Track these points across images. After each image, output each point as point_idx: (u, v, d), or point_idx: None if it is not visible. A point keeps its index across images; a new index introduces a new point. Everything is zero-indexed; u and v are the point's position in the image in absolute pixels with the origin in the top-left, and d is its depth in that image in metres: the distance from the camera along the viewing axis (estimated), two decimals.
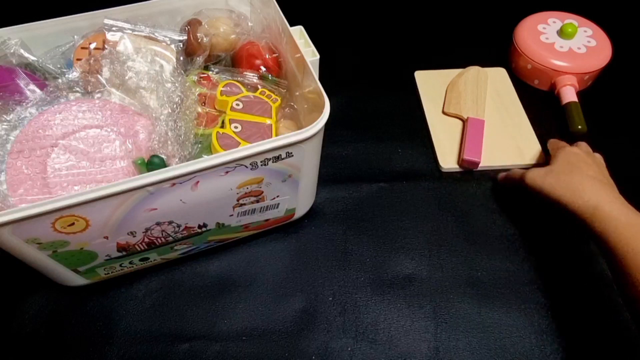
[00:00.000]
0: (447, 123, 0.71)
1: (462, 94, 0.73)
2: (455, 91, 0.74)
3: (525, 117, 0.72)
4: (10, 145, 0.44)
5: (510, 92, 0.76)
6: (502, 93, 0.76)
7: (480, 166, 0.66)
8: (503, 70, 0.79)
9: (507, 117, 0.72)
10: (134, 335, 0.52)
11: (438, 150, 0.68)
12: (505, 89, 0.76)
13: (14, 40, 0.52)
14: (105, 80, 0.49)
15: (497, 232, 0.60)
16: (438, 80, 0.77)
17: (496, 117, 0.72)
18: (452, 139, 0.69)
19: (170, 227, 0.48)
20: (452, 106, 0.72)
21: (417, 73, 0.78)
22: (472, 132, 0.68)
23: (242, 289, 0.55)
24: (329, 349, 0.51)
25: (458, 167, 0.66)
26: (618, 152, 0.68)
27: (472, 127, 0.68)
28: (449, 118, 0.72)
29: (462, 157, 0.65)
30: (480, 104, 0.72)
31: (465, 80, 0.75)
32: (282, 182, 0.50)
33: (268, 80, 0.55)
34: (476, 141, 0.66)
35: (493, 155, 0.67)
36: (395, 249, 0.59)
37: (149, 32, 0.54)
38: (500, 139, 0.69)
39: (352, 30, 0.85)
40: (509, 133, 0.70)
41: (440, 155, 0.67)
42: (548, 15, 0.79)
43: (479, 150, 0.66)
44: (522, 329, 0.52)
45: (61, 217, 0.40)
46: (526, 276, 0.56)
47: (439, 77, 0.77)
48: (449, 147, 0.68)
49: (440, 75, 0.77)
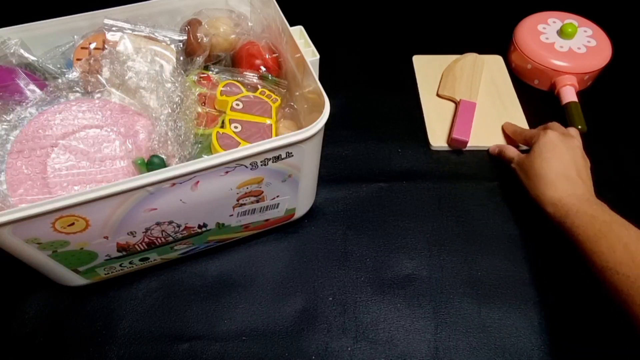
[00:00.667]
0: (440, 105, 0.74)
1: (457, 79, 0.75)
2: (451, 75, 0.76)
3: (517, 104, 0.74)
4: (10, 145, 0.44)
5: (505, 80, 0.78)
6: (498, 80, 0.78)
7: (469, 146, 0.68)
8: (500, 58, 0.81)
9: (500, 103, 0.74)
10: (133, 335, 0.52)
11: (429, 129, 0.70)
12: (501, 76, 0.78)
13: (14, 40, 0.52)
14: (105, 80, 0.49)
15: (497, 232, 0.60)
16: (435, 64, 0.79)
17: (489, 102, 0.74)
18: (443, 120, 0.72)
19: (170, 227, 0.48)
20: (447, 89, 0.74)
21: (415, 57, 0.81)
22: (463, 113, 0.70)
23: (242, 289, 0.55)
24: (329, 349, 0.51)
25: (447, 146, 0.69)
26: (618, 152, 0.68)
27: (463, 108, 0.71)
28: (442, 100, 0.74)
29: (451, 136, 0.67)
30: (474, 89, 0.74)
31: (462, 65, 0.77)
32: (282, 182, 0.50)
33: (268, 80, 0.55)
34: (466, 122, 0.69)
35: (482, 137, 0.69)
36: (395, 249, 0.59)
37: (149, 32, 0.54)
38: (490, 122, 0.72)
39: (352, 30, 0.85)
40: (500, 117, 0.72)
41: (430, 134, 0.70)
42: (548, 15, 0.79)
43: (468, 130, 0.68)
44: (522, 329, 0.52)
45: (61, 217, 0.40)
46: (526, 276, 0.56)
47: (437, 62, 0.80)
48: (439, 127, 0.71)
49: (437, 60, 0.80)
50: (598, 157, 0.67)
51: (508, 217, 0.62)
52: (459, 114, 0.70)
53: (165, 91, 0.49)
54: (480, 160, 0.68)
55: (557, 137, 0.59)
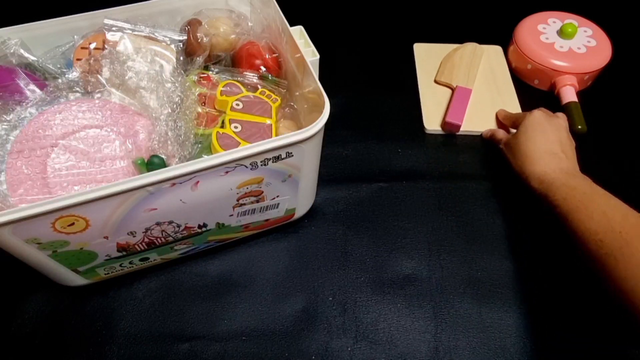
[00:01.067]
0: (437, 91, 0.76)
1: (455, 66, 0.77)
2: (450, 63, 0.78)
3: (513, 92, 0.76)
4: (10, 145, 0.44)
5: (503, 69, 0.79)
6: (496, 69, 0.79)
7: (462, 130, 0.70)
8: (499, 48, 0.82)
9: (496, 91, 0.76)
10: (134, 335, 0.52)
11: (424, 114, 0.72)
12: (499, 65, 0.80)
13: (14, 40, 0.52)
14: (105, 80, 0.49)
15: (497, 232, 0.60)
16: (436, 52, 0.81)
17: (485, 90, 0.76)
18: (439, 105, 0.74)
19: (170, 227, 0.48)
20: (444, 75, 0.76)
21: (415, 45, 0.82)
22: (458, 99, 0.72)
23: (242, 289, 0.55)
24: (329, 349, 0.51)
25: (441, 129, 0.71)
26: (618, 152, 0.68)
27: (458, 94, 0.73)
28: (439, 87, 0.76)
29: (444, 120, 0.69)
30: (472, 76, 0.76)
31: (461, 54, 0.79)
32: (282, 182, 0.50)
33: (268, 80, 0.55)
34: (460, 107, 0.71)
35: (475, 122, 0.71)
36: (395, 249, 0.59)
37: (149, 32, 0.54)
38: (485, 108, 0.73)
39: (352, 30, 0.85)
40: (495, 104, 0.74)
41: (425, 118, 0.72)
42: (548, 15, 0.79)
43: (461, 115, 0.70)
44: (522, 329, 0.52)
45: (61, 217, 0.40)
46: (526, 276, 0.56)
47: (437, 50, 0.81)
48: (434, 112, 0.73)
49: (438, 49, 0.82)
50: (598, 157, 0.67)
51: (508, 217, 0.62)
52: (454, 99, 0.72)
53: (165, 91, 0.49)
54: (481, 160, 0.68)
55: (542, 116, 0.61)
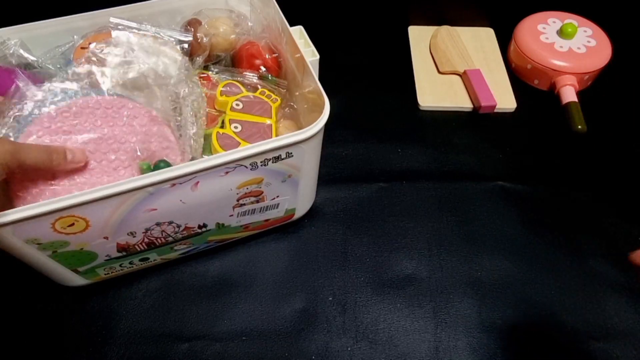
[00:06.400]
0: (429, 71, 0.78)
1: (445, 52, 0.79)
2: (440, 50, 0.80)
3: (504, 70, 0.78)
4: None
5: (494, 49, 0.82)
6: (487, 49, 0.82)
7: (458, 106, 0.74)
8: (491, 30, 0.85)
9: (487, 68, 0.78)
10: (134, 335, 0.52)
11: (418, 90, 0.75)
12: (491, 45, 0.82)
13: (14, 40, 0.52)
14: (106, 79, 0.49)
15: (497, 232, 0.60)
16: (429, 35, 0.84)
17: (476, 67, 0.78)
18: (432, 83, 0.76)
19: (170, 228, 0.48)
20: (446, 65, 0.78)
21: (410, 28, 0.85)
22: (477, 81, 0.74)
23: (242, 289, 0.55)
24: (329, 349, 0.51)
25: (433, 105, 0.74)
26: (618, 152, 0.68)
27: (473, 77, 0.75)
28: (431, 64, 0.79)
29: (480, 105, 0.71)
30: (467, 58, 0.78)
31: (441, 38, 0.81)
32: (282, 182, 0.50)
33: (268, 80, 0.55)
34: (484, 88, 0.73)
35: (465, 98, 0.74)
36: (395, 249, 0.59)
37: (155, 32, 0.54)
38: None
39: (352, 30, 0.85)
40: (489, 82, 0.75)
41: (419, 95, 0.75)
42: (548, 15, 0.79)
43: (490, 94, 0.72)
44: (522, 329, 0.52)
45: (61, 218, 0.40)
46: (526, 276, 0.56)
47: (431, 32, 0.84)
48: (428, 89, 0.75)
49: (432, 31, 0.84)
50: (598, 157, 0.67)
51: (508, 217, 0.62)
52: (473, 84, 0.73)
53: (169, 90, 0.49)
54: (481, 160, 0.68)
55: None
